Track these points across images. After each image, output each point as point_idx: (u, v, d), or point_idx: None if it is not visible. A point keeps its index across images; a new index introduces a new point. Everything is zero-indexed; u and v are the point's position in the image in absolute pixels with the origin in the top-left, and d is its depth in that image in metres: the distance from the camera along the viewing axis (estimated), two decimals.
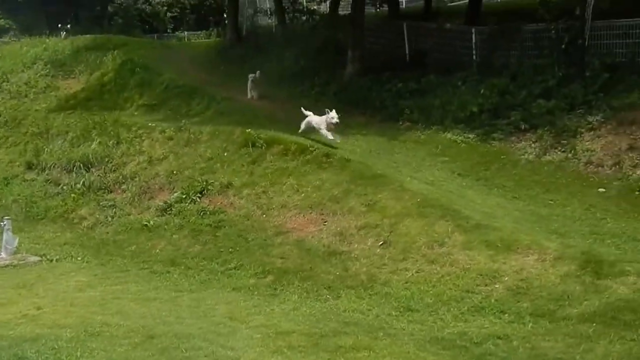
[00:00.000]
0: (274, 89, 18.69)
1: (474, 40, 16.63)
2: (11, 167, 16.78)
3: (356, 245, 9.79)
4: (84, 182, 14.48)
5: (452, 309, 7.79)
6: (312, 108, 14.61)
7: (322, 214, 10.73)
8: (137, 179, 13.94)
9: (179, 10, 41.36)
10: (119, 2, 40.41)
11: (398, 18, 21.91)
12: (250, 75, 18.01)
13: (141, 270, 10.47)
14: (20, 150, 17.38)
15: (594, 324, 6.87)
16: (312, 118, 13.01)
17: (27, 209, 14.49)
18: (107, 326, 7.12)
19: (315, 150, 12.26)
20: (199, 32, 37.51)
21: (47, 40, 27.47)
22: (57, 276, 10.10)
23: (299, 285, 9.11)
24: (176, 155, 14.11)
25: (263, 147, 12.88)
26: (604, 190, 11.44)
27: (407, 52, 18.57)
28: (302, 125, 13.11)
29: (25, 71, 23.82)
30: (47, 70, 23.33)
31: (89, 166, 15.03)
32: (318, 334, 6.96)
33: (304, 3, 25.14)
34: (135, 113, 18.23)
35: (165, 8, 40.73)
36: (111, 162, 14.91)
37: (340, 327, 7.29)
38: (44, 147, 16.80)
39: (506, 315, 7.46)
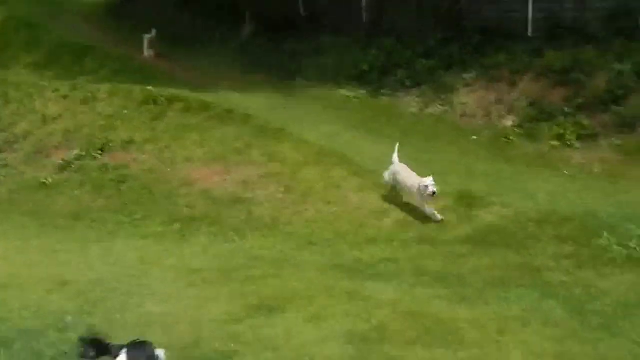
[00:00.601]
0: (170, 48, 18.64)
1: (363, 3, 17.51)
2: None
3: (259, 192, 10.42)
4: None
5: (348, 241, 8.72)
6: (209, 67, 14.95)
7: (226, 166, 11.23)
8: (30, 138, 13.58)
9: None
10: None
11: None
12: (146, 35, 17.89)
13: (43, 227, 10.36)
14: None
15: (467, 245, 8.07)
16: (404, 175, 9.32)
17: None
18: (15, 277, 7.32)
19: (217, 107, 12.68)
20: None
21: None
22: None
23: (206, 230, 9.63)
24: (73, 113, 13.88)
25: (164, 104, 13.07)
26: (476, 138, 12.84)
27: (302, 12, 19.10)
28: (386, 176, 9.65)
29: None
30: None
31: None
32: (228, 269, 7.63)
33: None
34: (23, 72, 17.64)
35: None
36: (0, 122, 14.45)
37: (248, 262, 8.01)
38: None
39: (395, 243, 8.50)
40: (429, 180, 8.65)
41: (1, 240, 9.39)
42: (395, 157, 9.54)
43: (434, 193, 8.54)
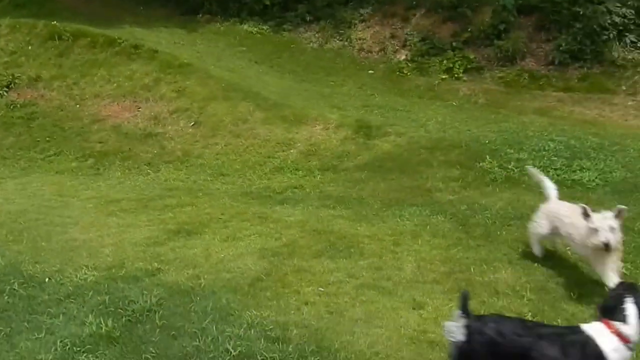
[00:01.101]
0: None
1: None
2: None
3: (170, 127, 10.92)
4: None
5: (257, 171, 9.45)
6: (112, 1, 14.74)
7: (136, 102, 11.57)
8: None
9: None
10: None
11: None
12: None
13: None
14: None
15: (365, 172, 8.95)
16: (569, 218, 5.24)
17: None
18: None
19: (123, 42, 12.76)
20: None
21: None
22: None
23: (120, 165, 10.10)
24: None
25: (70, 40, 12.98)
26: (372, 72, 13.81)
27: None
28: (537, 226, 5.61)
29: None
30: None
31: None
32: (145, 198, 8.14)
33: None
34: None
35: None
36: None
37: (164, 192, 8.55)
38: None
39: (300, 171, 9.31)
40: (602, 221, 4.74)
41: None
42: (550, 189, 5.76)
43: (607, 245, 4.66)
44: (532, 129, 10.36)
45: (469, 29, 14.01)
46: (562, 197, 5.80)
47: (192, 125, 10.84)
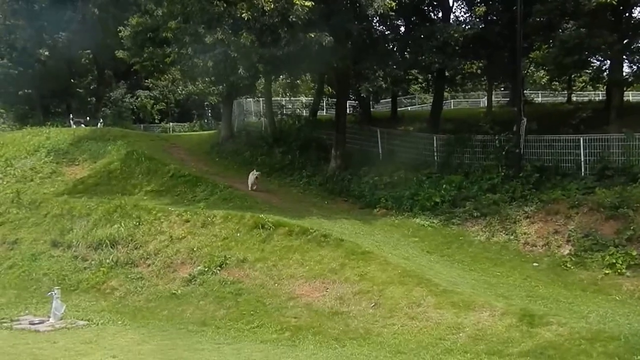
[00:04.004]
0: (266, 180, 21.80)
1: (435, 145, 20.42)
2: (36, 245, 18.77)
3: (353, 307, 12.62)
4: (112, 258, 16.89)
5: (430, 352, 10.67)
6: (300, 197, 17.64)
7: (324, 283, 13.56)
8: (160, 255, 16.42)
9: (164, 104, 44.80)
10: (109, 94, 43.49)
11: (369, 121, 25.76)
12: (253, 173, 20.54)
13: (178, 330, 12.84)
14: (44, 230, 19.60)
15: (528, 357, 9.88)
16: None
17: (59, 281, 16.53)
18: None
19: (314, 231, 15.20)
20: (183, 123, 40.88)
21: (49, 130, 30.01)
22: (111, 335, 12.37)
23: (312, 339, 11.81)
24: (194, 235, 16.72)
25: (271, 229, 15.72)
26: (537, 264, 14.84)
27: (380, 151, 22.19)
28: None
29: (28, 157, 26.20)
30: (51, 158, 25.63)
31: (114, 244, 17.44)
32: None
33: (291, 107, 28.86)
34: (145, 198, 20.76)
35: (152, 102, 44.04)
36: (134, 241, 17.31)
37: None
38: (68, 227, 19.13)
39: (468, 354, 10.39)
40: None
41: (153, 340, 11.88)
42: None
43: None
44: None
45: (632, 227, 14.70)
46: None
47: (373, 306, 12.48)
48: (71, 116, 36.62)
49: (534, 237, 15.80)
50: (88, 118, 36.68)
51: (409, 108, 35.05)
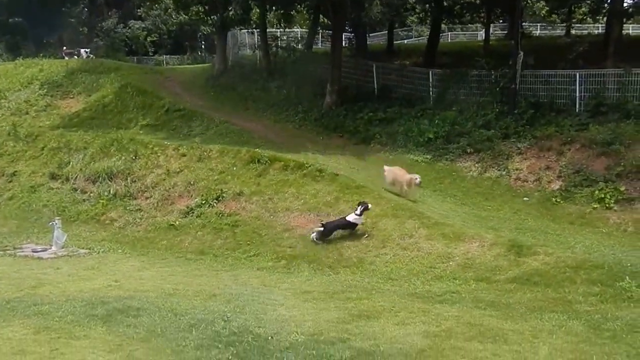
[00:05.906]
0: (261, 114, 21.86)
1: (430, 80, 20.38)
2: (34, 177, 19.11)
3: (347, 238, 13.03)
4: (110, 190, 17.21)
5: (420, 278, 11.08)
6: (296, 132, 17.76)
7: (319, 216, 13.90)
8: (158, 188, 16.76)
9: (157, 36, 44.08)
10: (101, 25, 42.71)
11: (365, 54, 25.53)
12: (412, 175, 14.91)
13: (177, 259, 13.26)
14: (42, 163, 19.80)
15: (514, 284, 10.25)
16: None
17: (59, 212, 16.83)
18: (177, 290, 9.96)
19: (310, 166, 15.45)
20: (176, 55, 40.37)
21: (42, 61, 29.71)
22: (112, 262, 12.79)
23: (307, 266, 12.22)
24: (190, 169, 17.02)
25: (267, 164, 15.98)
26: (527, 199, 15.20)
27: (375, 86, 22.15)
28: None
29: (22, 90, 26.10)
30: (45, 90, 25.62)
31: (112, 177, 17.72)
32: (330, 292, 10.04)
33: (286, 39, 28.43)
34: (140, 132, 20.90)
35: (145, 33, 43.34)
36: (132, 174, 17.63)
37: (344, 288, 10.41)
38: (65, 160, 19.33)
39: (457, 280, 10.81)
40: None
41: (153, 267, 12.29)
42: None
43: None
44: None
45: (622, 164, 14.98)
46: None
47: (366, 237, 12.85)
48: (64, 48, 36.09)
49: (525, 172, 16.10)
50: (84, 50, 36.10)
51: (405, 41, 34.56)
